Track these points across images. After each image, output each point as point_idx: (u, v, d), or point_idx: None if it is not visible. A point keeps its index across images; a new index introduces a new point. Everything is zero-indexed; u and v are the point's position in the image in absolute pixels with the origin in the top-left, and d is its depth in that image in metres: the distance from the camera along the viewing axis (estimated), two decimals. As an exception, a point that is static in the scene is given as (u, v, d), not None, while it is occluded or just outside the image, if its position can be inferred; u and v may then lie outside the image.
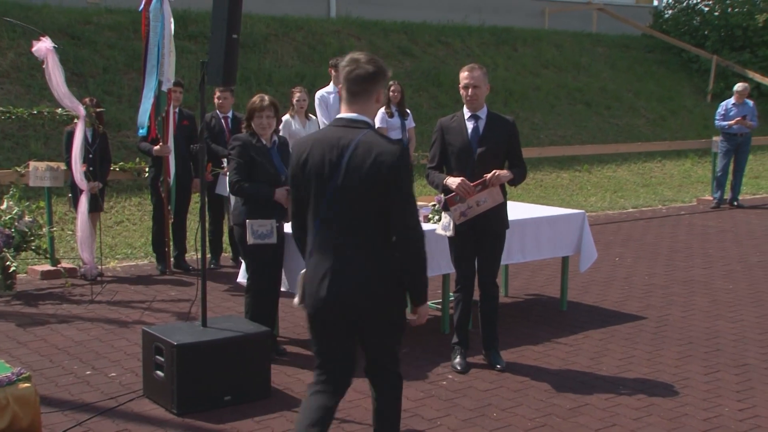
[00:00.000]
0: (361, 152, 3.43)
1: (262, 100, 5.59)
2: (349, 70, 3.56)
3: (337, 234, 3.48)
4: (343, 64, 3.61)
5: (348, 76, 3.56)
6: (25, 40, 12.11)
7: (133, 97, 12.25)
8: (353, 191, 3.44)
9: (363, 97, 3.56)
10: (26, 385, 4.29)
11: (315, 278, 3.51)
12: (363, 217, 3.47)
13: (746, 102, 12.66)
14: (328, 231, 3.49)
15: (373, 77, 3.56)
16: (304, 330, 6.41)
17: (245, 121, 5.67)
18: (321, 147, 3.51)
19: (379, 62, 3.62)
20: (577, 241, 6.94)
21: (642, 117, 18.76)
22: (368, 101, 3.58)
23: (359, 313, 3.51)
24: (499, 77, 17.46)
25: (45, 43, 7.19)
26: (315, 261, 3.52)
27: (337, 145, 3.47)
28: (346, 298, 3.47)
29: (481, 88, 5.34)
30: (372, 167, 3.41)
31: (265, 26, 15.84)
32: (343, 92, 3.60)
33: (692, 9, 23.18)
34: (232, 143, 5.63)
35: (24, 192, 8.38)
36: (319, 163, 3.49)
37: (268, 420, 4.70)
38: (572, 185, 14.37)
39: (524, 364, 5.67)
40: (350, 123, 3.55)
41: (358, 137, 3.47)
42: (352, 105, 3.57)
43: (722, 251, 9.61)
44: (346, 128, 3.53)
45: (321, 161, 3.48)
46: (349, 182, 3.43)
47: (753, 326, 6.63)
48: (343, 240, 3.48)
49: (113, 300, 7.21)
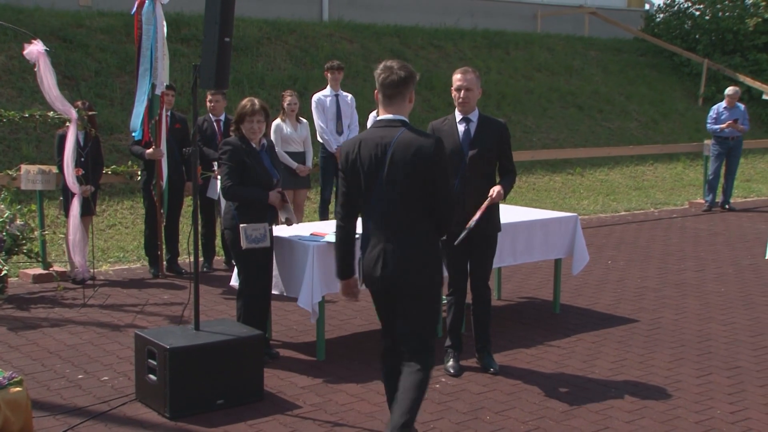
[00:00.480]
0: (402, 148, 3.96)
1: (252, 104, 5.55)
2: (384, 77, 4.06)
3: (387, 221, 4.02)
4: (378, 71, 4.09)
5: (384, 81, 4.06)
6: (16, 43, 12.07)
7: (125, 100, 12.22)
8: (398, 183, 3.97)
9: (397, 99, 4.08)
10: (18, 389, 4.27)
11: (371, 261, 4.06)
12: (407, 205, 4.00)
13: (737, 105, 12.71)
14: (379, 219, 4.03)
15: (405, 81, 4.07)
16: (296, 333, 6.41)
17: (233, 125, 5.63)
18: (367, 146, 4.03)
19: (409, 67, 4.13)
20: (569, 244, 6.95)
21: (634, 120, 18.82)
22: (402, 102, 4.10)
23: (406, 289, 4.03)
24: (492, 81, 17.49)
25: (37, 46, 7.17)
26: (370, 246, 4.07)
27: (380, 143, 4.00)
28: (395, 276, 4.00)
29: (474, 91, 5.35)
30: (412, 160, 3.94)
31: (257, 29, 15.83)
32: (380, 96, 4.10)
33: (683, 13, 23.26)
34: (223, 148, 5.57)
35: (15, 195, 8.35)
36: (366, 160, 4.02)
37: (260, 423, 4.69)
38: (565, 188, 14.40)
39: (517, 367, 5.68)
40: (389, 123, 4.07)
41: (397, 135, 3.99)
42: (389, 107, 4.09)
43: (714, 254, 9.65)
44: (386, 128, 4.05)
45: (368, 158, 4.01)
46: (394, 175, 3.97)
47: (745, 329, 6.65)
48: (392, 226, 4.01)
49: (105, 303, 7.19)
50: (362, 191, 4.08)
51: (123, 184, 10.43)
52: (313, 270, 5.51)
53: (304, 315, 6.66)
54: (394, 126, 4.04)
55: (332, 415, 4.84)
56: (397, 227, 4.02)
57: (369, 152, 4.02)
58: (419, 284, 4.05)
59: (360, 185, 4.07)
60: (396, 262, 4.00)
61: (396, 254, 4.00)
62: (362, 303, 7.29)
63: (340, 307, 7.14)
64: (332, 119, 9.14)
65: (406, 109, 4.12)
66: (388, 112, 4.09)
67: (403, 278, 4.01)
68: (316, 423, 4.72)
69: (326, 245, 5.60)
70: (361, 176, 4.04)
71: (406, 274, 4.01)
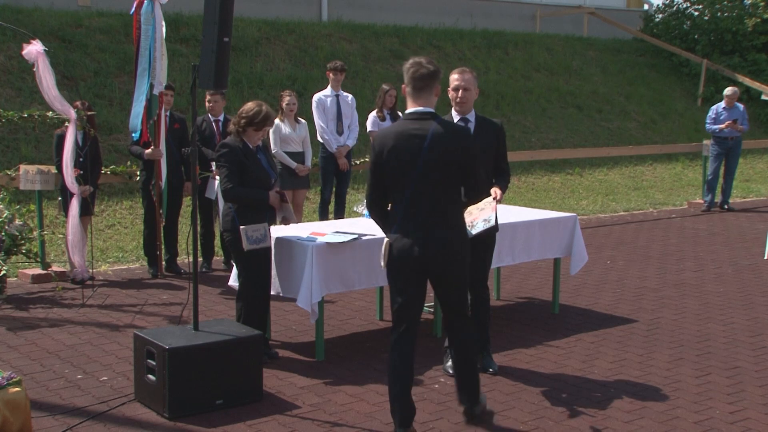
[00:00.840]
0: (438, 138, 4.27)
1: (269, 111, 5.58)
2: (414, 71, 4.36)
3: (424, 207, 4.32)
4: (407, 66, 4.39)
5: (414, 75, 4.35)
6: (15, 43, 12.07)
7: (124, 100, 12.22)
8: (435, 171, 4.28)
9: (426, 92, 4.38)
10: (17, 389, 4.27)
11: (408, 243, 4.33)
12: (443, 190, 4.34)
13: (737, 106, 12.72)
14: (415, 205, 4.32)
15: (433, 75, 4.38)
16: (296, 333, 6.41)
17: (242, 127, 5.54)
18: (402, 137, 4.30)
19: (435, 63, 4.43)
20: (568, 244, 6.95)
21: (633, 120, 18.82)
22: (430, 95, 4.40)
23: (443, 268, 4.39)
24: (491, 81, 17.49)
25: (36, 46, 7.17)
26: (405, 230, 4.34)
27: (416, 134, 4.28)
28: (433, 256, 4.33)
29: (471, 91, 5.34)
30: (448, 149, 4.27)
31: (256, 30, 15.83)
32: (409, 89, 4.38)
33: (682, 13, 23.27)
34: (221, 149, 5.53)
35: (14, 195, 8.36)
36: (402, 151, 4.29)
37: (259, 423, 4.69)
38: (564, 188, 14.40)
39: (516, 368, 5.68)
40: (421, 115, 4.35)
41: (433, 127, 4.30)
42: (418, 99, 4.38)
43: (713, 254, 9.65)
44: (419, 120, 4.34)
45: (405, 149, 4.28)
46: (431, 164, 4.26)
47: (744, 329, 6.65)
48: (427, 212, 4.32)
49: (104, 304, 7.19)
50: (396, 180, 4.33)
51: (122, 184, 10.43)
52: (312, 270, 5.51)
53: (303, 315, 6.66)
54: (426, 118, 4.34)
55: (331, 415, 4.84)
56: (434, 212, 4.34)
57: (405, 143, 4.29)
58: (458, 259, 4.43)
59: (395, 175, 4.32)
60: (436, 244, 4.33)
61: (436, 236, 4.33)
62: (361, 303, 7.29)
63: (339, 308, 7.14)
64: (333, 119, 9.14)
65: (432, 101, 4.40)
66: (417, 104, 4.38)
67: (444, 257, 4.36)
68: (315, 423, 4.71)
69: (325, 245, 5.60)
70: (397, 166, 4.30)
71: (447, 254, 4.36)
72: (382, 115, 9.31)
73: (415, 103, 4.38)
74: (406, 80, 4.40)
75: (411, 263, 4.36)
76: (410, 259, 4.35)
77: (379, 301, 6.89)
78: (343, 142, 9.18)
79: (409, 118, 4.38)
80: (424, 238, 4.33)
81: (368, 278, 5.88)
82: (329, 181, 9.26)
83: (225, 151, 5.50)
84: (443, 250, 4.36)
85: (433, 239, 4.34)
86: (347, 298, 7.41)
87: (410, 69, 4.37)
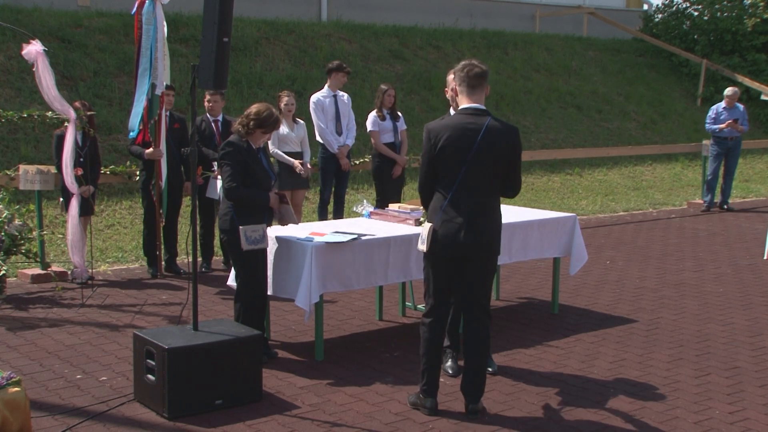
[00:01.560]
0: (490, 134, 4.63)
1: (279, 117, 5.64)
2: (469, 69, 4.73)
3: (470, 196, 4.65)
4: (460, 67, 4.77)
5: (469, 73, 4.71)
6: (15, 43, 12.07)
7: (124, 100, 12.22)
8: (484, 163, 4.62)
9: (479, 90, 4.75)
10: (16, 389, 4.27)
11: (452, 228, 4.65)
12: (489, 182, 4.70)
13: (737, 106, 12.72)
14: (463, 193, 4.64)
15: (485, 74, 4.78)
16: (295, 333, 6.41)
17: (251, 128, 5.52)
18: (457, 130, 4.64)
19: (485, 64, 4.85)
20: (567, 244, 6.95)
21: (633, 120, 18.83)
22: (482, 93, 4.78)
23: (480, 256, 4.71)
24: (490, 81, 17.18)
25: (35, 46, 7.17)
26: (450, 216, 4.65)
27: (471, 128, 4.63)
28: (478, 242, 4.66)
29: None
30: (499, 145, 4.64)
31: (256, 30, 15.83)
32: (462, 87, 4.74)
33: (682, 13, 23.27)
34: (225, 148, 5.52)
35: (14, 195, 8.35)
36: (457, 141, 4.61)
37: (259, 424, 4.69)
38: (563, 189, 14.41)
39: (516, 368, 5.68)
40: (476, 111, 4.70)
41: (486, 123, 4.65)
42: (473, 96, 4.74)
43: (713, 254, 9.65)
44: (474, 115, 4.68)
45: (459, 140, 4.61)
46: (481, 157, 4.61)
47: (743, 329, 6.66)
48: (473, 201, 4.65)
49: (104, 304, 7.19)
50: (448, 169, 4.64)
51: (121, 184, 10.42)
52: (312, 270, 5.51)
53: (302, 315, 6.66)
54: (481, 114, 4.69)
55: (331, 415, 4.84)
56: (478, 202, 4.67)
57: (461, 134, 4.62)
58: (495, 250, 4.80)
59: (447, 163, 4.64)
60: (478, 231, 4.66)
61: (479, 224, 4.67)
62: (361, 303, 7.29)
63: (338, 308, 7.14)
64: (332, 120, 9.13)
65: (483, 99, 4.79)
66: (472, 101, 4.73)
67: (485, 244, 4.71)
68: (314, 423, 4.71)
69: (325, 245, 5.60)
70: (450, 155, 4.62)
71: (488, 241, 4.72)
72: (381, 115, 9.30)
73: (470, 100, 4.73)
74: (459, 79, 4.74)
75: (453, 248, 4.67)
76: (454, 245, 4.66)
77: (378, 301, 6.89)
78: (343, 141, 9.18)
79: (465, 113, 4.71)
80: (468, 225, 4.64)
81: (367, 278, 5.88)
82: (329, 182, 9.26)
83: (230, 150, 5.50)
84: (483, 238, 4.69)
85: (476, 227, 4.66)
86: (347, 298, 7.41)
87: (465, 68, 4.74)
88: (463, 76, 4.73)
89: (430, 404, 4.84)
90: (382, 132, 9.21)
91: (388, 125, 9.24)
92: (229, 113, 9.61)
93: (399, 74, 16.45)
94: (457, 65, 4.82)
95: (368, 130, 9.42)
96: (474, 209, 4.67)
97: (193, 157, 5.32)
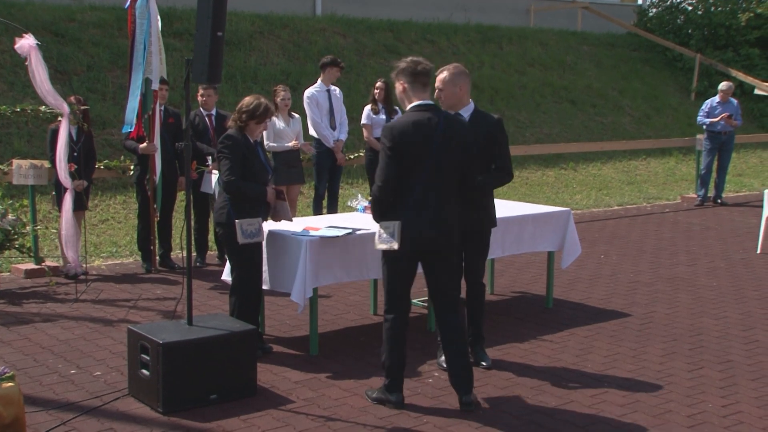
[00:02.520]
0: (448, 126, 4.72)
1: (269, 104, 5.61)
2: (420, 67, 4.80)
3: (434, 192, 4.70)
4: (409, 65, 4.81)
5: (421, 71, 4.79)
6: (7, 37, 12.01)
7: (117, 94, 12.19)
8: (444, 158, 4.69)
9: (428, 86, 4.88)
10: (10, 384, 4.26)
11: (421, 224, 4.67)
12: (450, 178, 4.76)
13: (731, 100, 12.73)
14: (428, 190, 4.67)
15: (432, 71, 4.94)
16: (289, 328, 6.41)
17: (243, 122, 5.53)
18: (419, 126, 4.68)
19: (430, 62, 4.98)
20: (561, 238, 6.96)
21: (627, 115, 18.85)
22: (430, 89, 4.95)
23: (451, 247, 4.81)
24: (485, 75, 17.49)
25: (28, 40, 7.14)
26: (418, 212, 4.67)
27: (429, 123, 4.69)
28: (445, 236, 4.75)
29: (446, 90, 5.29)
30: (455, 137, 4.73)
31: (250, 24, 15.79)
32: (416, 85, 4.78)
33: (676, 8, 23.29)
34: (225, 142, 5.52)
35: (7, 190, 8.32)
36: (419, 137, 4.66)
37: (254, 418, 4.70)
38: (558, 183, 14.43)
39: (510, 362, 5.69)
40: (429, 107, 4.78)
41: (442, 116, 4.76)
42: (424, 93, 4.82)
43: (706, 248, 9.68)
44: (429, 111, 4.76)
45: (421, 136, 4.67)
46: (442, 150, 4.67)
47: (736, 323, 6.68)
48: (439, 196, 4.71)
49: (98, 299, 7.18)
50: (412, 165, 4.65)
51: (116, 179, 10.40)
52: (306, 264, 5.51)
53: (296, 309, 6.65)
54: (434, 109, 4.78)
55: (325, 409, 4.84)
56: (443, 197, 4.73)
57: (422, 130, 4.66)
58: (455, 243, 4.87)
59: (411, 160, 4.65)
60: (448, 225, 4.75)
61: (446, 218, 4.74)
62: (356, 298, 7.30)
63: (333, 302, 7.15)
64: (326, 114, 9.13)
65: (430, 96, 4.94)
66: (423, 98, 4.80)
67: (453, 238, 4.80)
68: (309, 418, 4.72)
69: (319, 240, 5.60)
70: (414, 152, 4.65)
71: (454, 235, 4.81)
72: (376, 108, 9.30)
73: (422, 97, 4.79)
74: (410, 77, 4.77)
75: (424, 244, 4.72)
76: (424, 240, 4.70)
77: (373, 295, 6.90)
78: (337, 136, 9.18)
79: (420, 109, 4.75)
80: (436, 220, 4.69)
81: (361, 271, 5.88)
82: (323, 177, 9.25)
83: (229, 143, 5.50)
84: (451, 232, 4.77)
85: (443, 221, 4.72)
86: (341, 292, 7.41)
87: (412, 65, 4.79)
88: (414, 74, 4.78)
89: (397, 398, 4.85)
90: (375, 126, 9.20)
91: (381, 119, 9.24)
92: (224, 108, 9.60)
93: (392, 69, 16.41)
94: (401, 64, 4.85)
95: (362, 123, 9.41)
96: (439, 204, 4.71)
97: (188, 152, 5.31)
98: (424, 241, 4.71)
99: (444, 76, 5.33)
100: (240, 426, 4.60)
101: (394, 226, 4.67)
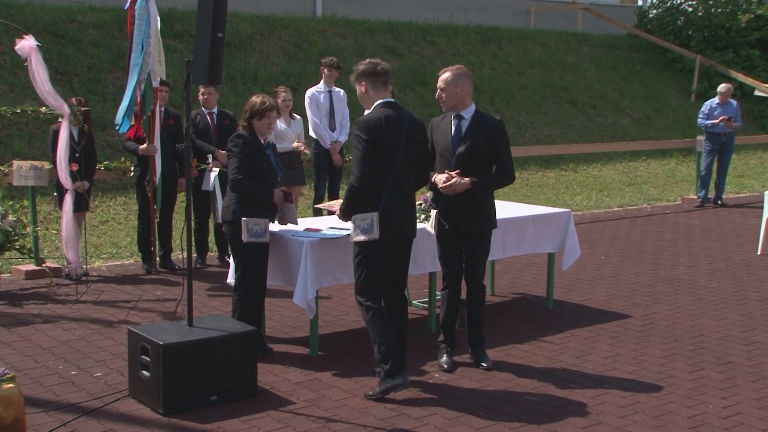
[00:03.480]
0: (410, 121, 5.04)
1: (269, 100, 5.62)
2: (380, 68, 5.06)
3: (405, 183, 5.05)
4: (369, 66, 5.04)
5: (381, 71, 5.06)
6: (8, 38, 12.02)
7: (117, 96, 12.16)
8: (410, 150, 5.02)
9: (387, 85, 5.16)
10: (10, 385, 4.26)
11: (399, 214, 4.99)
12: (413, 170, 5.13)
13: (730, 102, 12.74)
14: (400, 182, 4.99)
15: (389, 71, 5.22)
16: (290, 329, 6.41)
17: (245, 122, 5.59)
18: (389, 120, 4.95)
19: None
20: (562, 239, 6.96)
21: (627, 116, 18.85)
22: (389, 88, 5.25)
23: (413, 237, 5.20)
24: (485, 76, 17.49)
25: (28, 41, 7.14)
26: (395, 203, 4.97)
27: (397, 118, 4.99)
28: (413, 226, 5.15)
29: (448, 90, 5.33)
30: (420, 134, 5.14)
31: (250, 25, 15.80)
32: (377, 84, 5.04)
33: (676, 9, 23.31)
34: (235, 140, 5.54)
35: (8, 191, 8.33)
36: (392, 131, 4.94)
37: (254, 419, 4.70)
38: (558, 184, 14.43)
39: (510, 363, 5.69)
40: (393, 104, 5.09)
41: (405, 112, 5.10)
42: (385, 91, 5.09)
43: (706, 250, 9.68)
44: (394, 107, 5.06)
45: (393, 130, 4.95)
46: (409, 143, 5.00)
47: (737, 324, 6.68)
48: (408, 187, 5.09)
49: (98, 300, 7.18)
50: (386, 157, 4.92)
51: (116, 180, 10.41)
52: (308, 266, 5.50)
53: (297, 311, 6.66)
54: (397, 106, 5.09)
55: (326, 410, 4.84)
56: (411, 187, 5.13)
57: (393, 125, 4.94)
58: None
59: (385, 153, 4.91)
60: (414, 213, 5.17)
61: (413, 209, 5.16)
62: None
63: (333, 303, 7.14)
64: (326, 115, 9.12)
65: None
66: (386, 96, 5.09)
67: (413, 229, 5.17)
68: (309, 419, 4.72)
69: (319, 241, 5.60)
70: (386, 145, 4.91)
71: (415, 226, 5.20)
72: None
73: (383, 95, 5.07)
74: (371, 77, 5.04)
75: (401, 233, 5.08)
76: (401, 229, 5.06)
77: (373, 296, 6.88)
78: (335, 137, 9.17)
79: (386, 106, 5.04)
80: (409, 211, 5.09)
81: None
82: (323, 177, 9.25)
83: (239, 141, 5.52)
84: (415, 222, 5.19)
85: (412, 212, 5.14)
86: (342, 294, 7.41)
87: (372, 66, 5.05)
88: (375, 74, 5.04)
89: (402, 380, 4.92)
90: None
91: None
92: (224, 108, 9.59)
93: (394, 70, 16.38)
94: (360, 66, 5.09)
95: None
96: (409, 195, 5.10)
97: (188, 154, 5.31)
98: (404, 228, 5.06)
99: (446, 77, 5.34)
100: (240, 427, 4.60)
101: (372, 218, 4.92)
